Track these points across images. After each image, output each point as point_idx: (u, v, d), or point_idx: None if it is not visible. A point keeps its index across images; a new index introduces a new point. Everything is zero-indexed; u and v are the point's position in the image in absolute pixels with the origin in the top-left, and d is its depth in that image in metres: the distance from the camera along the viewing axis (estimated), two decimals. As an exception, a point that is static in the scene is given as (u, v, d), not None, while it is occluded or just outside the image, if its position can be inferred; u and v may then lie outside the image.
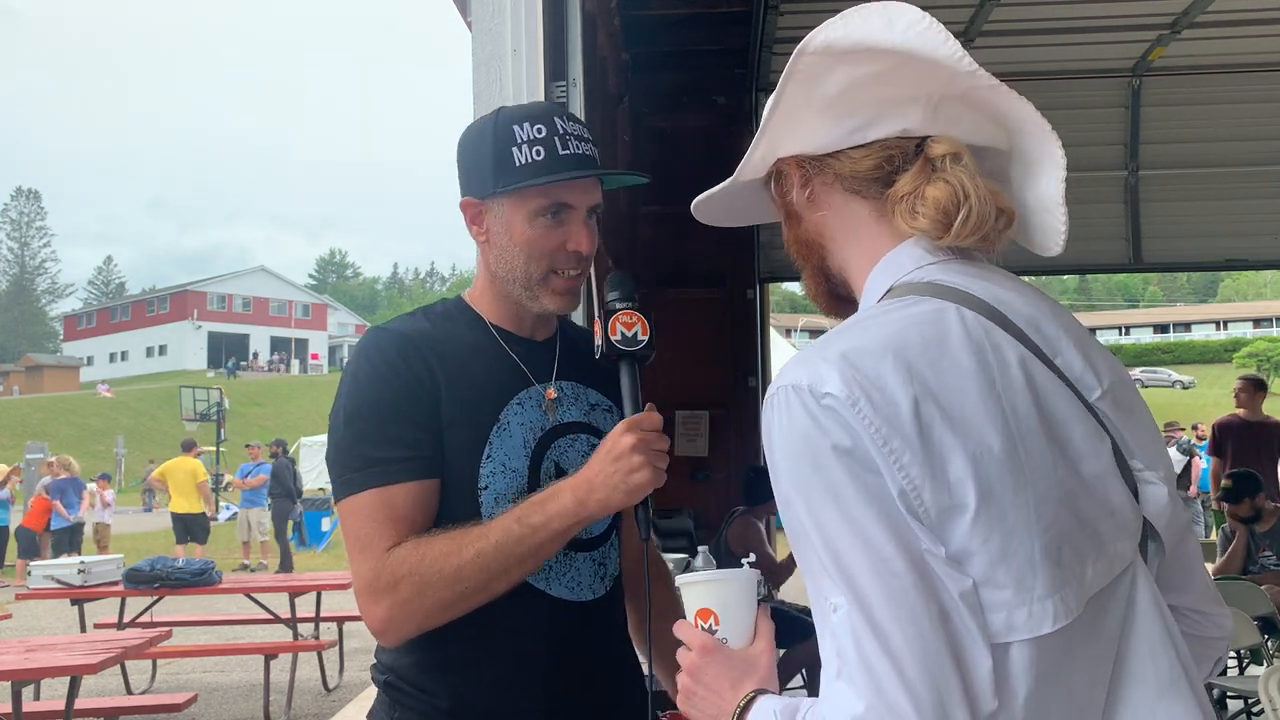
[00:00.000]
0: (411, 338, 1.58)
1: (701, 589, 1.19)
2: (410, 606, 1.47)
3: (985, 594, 0.95)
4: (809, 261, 1.21)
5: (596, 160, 1.62)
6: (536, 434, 1.61)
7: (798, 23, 6.89)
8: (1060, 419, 1.02)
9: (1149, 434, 1.11)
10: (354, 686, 7.71)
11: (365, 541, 1.49)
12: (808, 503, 0.97)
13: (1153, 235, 8.18)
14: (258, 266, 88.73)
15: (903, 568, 0.92)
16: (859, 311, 1.12)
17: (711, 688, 1.13)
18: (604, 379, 1.70)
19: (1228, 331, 68.68)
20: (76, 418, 44.19)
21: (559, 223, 1.59)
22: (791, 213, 1.19)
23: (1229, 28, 7.24)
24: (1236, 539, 5.92)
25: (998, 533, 0.95)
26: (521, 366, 1.64)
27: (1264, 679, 3.75)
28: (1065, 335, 1.09)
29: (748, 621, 1.17)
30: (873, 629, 0.91)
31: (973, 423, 0.97)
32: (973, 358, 1.00)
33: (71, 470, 15.39)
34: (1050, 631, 0.95)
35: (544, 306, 1.63)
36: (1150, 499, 1.07)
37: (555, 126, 1.58)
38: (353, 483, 1.51)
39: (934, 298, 1.05)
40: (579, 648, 1.61)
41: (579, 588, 1.62)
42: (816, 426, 0.97)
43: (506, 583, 1.48)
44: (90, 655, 4.97)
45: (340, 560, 16.43)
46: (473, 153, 1.63)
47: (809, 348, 1.05)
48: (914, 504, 0.95)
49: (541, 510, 1.47)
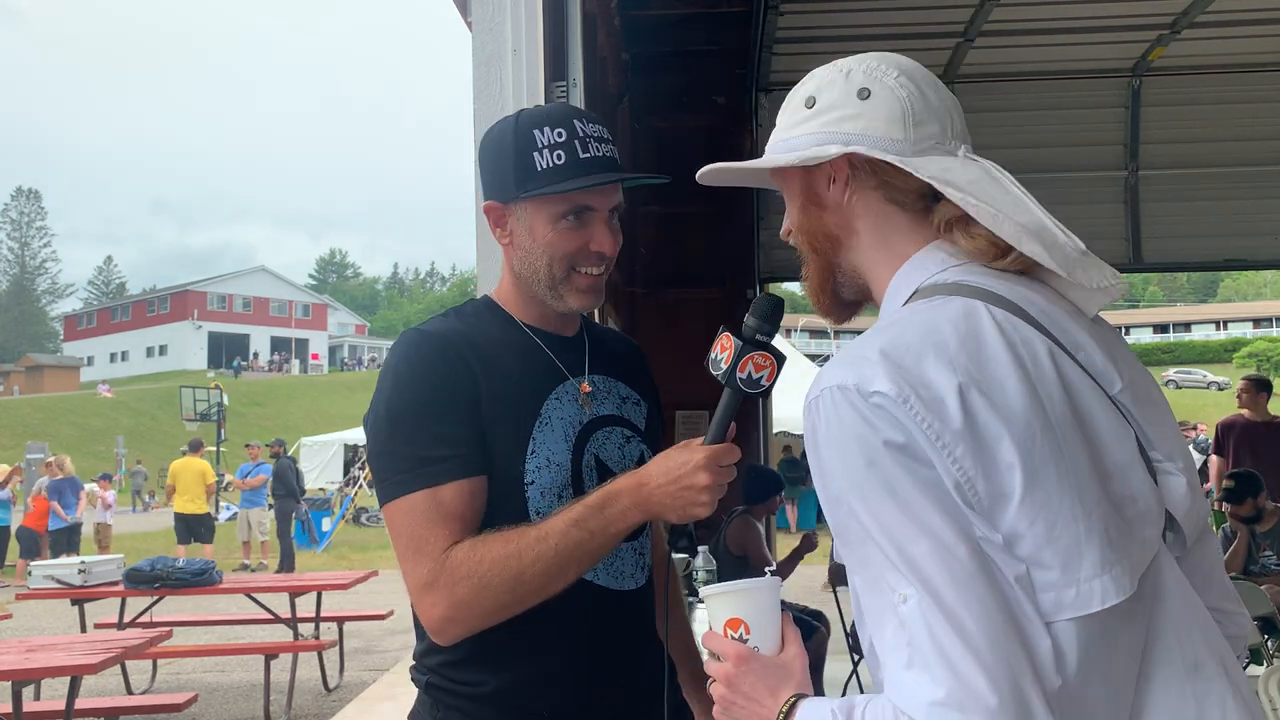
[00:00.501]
0: (448, 337, 1.60)
1: (730, 599, 1.19)
2: (469, 608, 1.48)
3: (1034, 575, 0.97)
4: (822, 254, 1.22)
5: (617, 161, 1.64)
6: (576, 428, 1.63)
7: (798, 23, 6.89)
8: (1087, 410, 1.05)
9: (1169, 427, 1.14)
10: (354, 686, 7.71)
11: (419, 542, 1.50)
12: (865, 500, 0.99)
13: (1153, 235, 8.17)
14: (258, 266, 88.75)
15: (965, 554, 0.95)
16: (886, 314, 1.15)
17: (750, 696, 1.13)
18: (632, 372, 1.77)
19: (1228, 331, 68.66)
20: (77, 418, 44.19)
21: (581, 224, 1.61)
22: (818, 202, 1.21)
23: (1229, 28, 7.24)
24: (1238, 539, 5.93)
25: (1043, 515, 0.98)
26: (556, 361, 1.66)
27: (1264, 679, 3.75)
28: (1086, 332, 1.13)
29: (776, 629, 1.18)
30: (946, 616, 0.93)
31: (1015, 409, 1.00)
32: (1007, 350, 1.03)
33: (66, 470, 15.37)
34: (1097, 611, 0.98)
35: (568, 305, 1.65)
36: (1170, 489, 1.10)
37: (575, 130, 1.60)
38: (402, 484, 1.52)
39: (962, 296, 1.08)
40: (619, 635, 1.63)
41: (622, 576, 1.64)
42: (867, 424, 0.99)
43: (564, 583, 1.50)
44: (90, 655, 4.97)
45: (340, 560, 16.43)
46: (494, 157, 1.65)
47: (845, 351, 1.07)
48: (969, 494, 0.97)
49: (600, 515, 1.49)
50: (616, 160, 1.63)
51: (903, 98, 1.16)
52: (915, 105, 1.16)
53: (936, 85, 1.20)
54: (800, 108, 1.21)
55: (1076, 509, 0.99)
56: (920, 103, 1.16)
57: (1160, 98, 7.98)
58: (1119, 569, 0.99)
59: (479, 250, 2.61)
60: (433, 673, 1.62)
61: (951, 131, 1.18)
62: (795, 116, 1.21)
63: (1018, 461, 0.98)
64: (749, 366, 1.41)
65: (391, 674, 7.87)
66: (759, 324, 1.41)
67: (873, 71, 1.18)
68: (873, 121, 1.16)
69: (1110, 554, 0.99)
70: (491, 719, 1.58)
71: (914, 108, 1.16)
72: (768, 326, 1.42)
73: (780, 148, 1.22)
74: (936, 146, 1.16)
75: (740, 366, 1.41)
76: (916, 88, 1.17)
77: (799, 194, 1.22)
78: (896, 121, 1.15)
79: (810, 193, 1.21)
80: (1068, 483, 0.99)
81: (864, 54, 1.22)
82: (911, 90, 1.17)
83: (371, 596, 11.66)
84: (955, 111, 1.20)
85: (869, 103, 1.16)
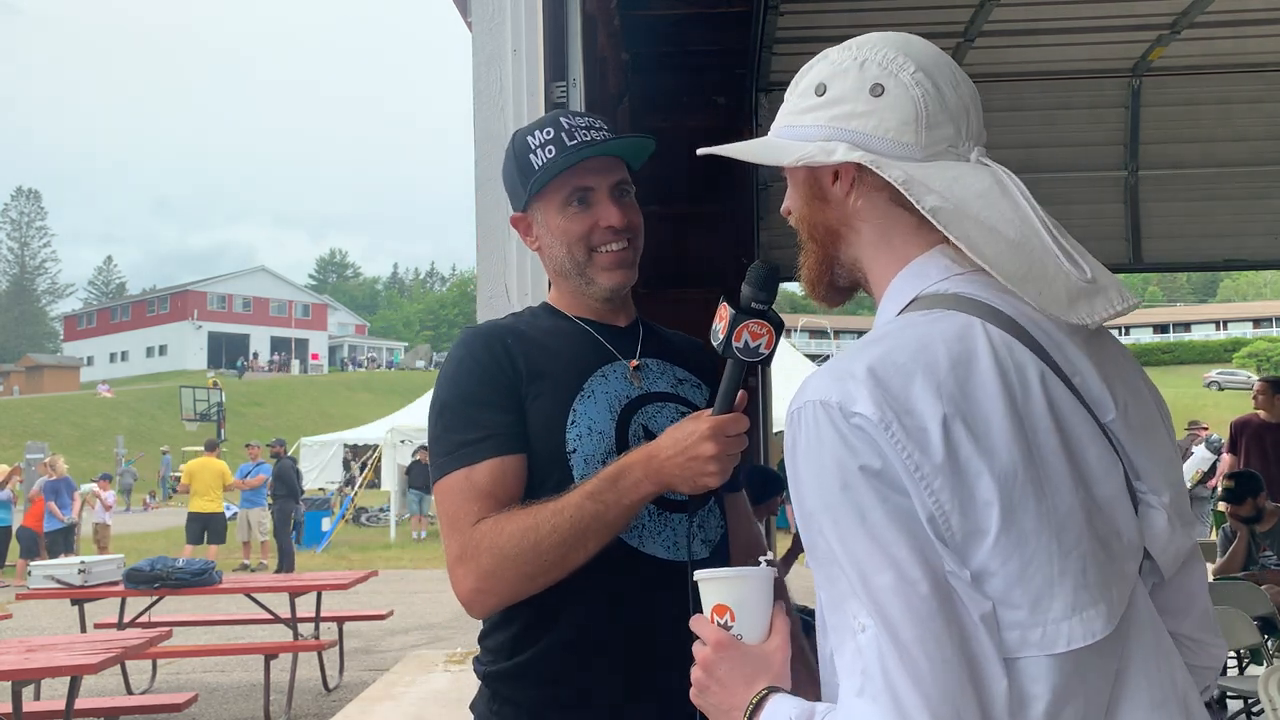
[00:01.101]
0: (494, 330, 1.72)
1: (718, 585, 1.21)
2: (494, 579, 1.53)
3: (1000, 613, 0.97)
4: (821, 246, 1.19)
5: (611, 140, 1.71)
6: (622, 400, 1.68)
7: (798, 23, 6.89)
8: (1077, 440, 1.03)
9: (1161, 457, 1.11)
10: (354, 686, 7.71)
11: (453, 519, 1.58)
12: (836, 523, 0.98)
13: (1153, 235, 8.17)
14: (258, 266, 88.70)
15: (928, 590, 0.94)
16: (883, 322, 1.12)
17: (724, 683, 1.14)
18: (691, 360, 1.81)
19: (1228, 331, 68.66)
20: (76, 418, 44.17)
21: (587, 206, 1.69)
22: (821, 196, 1.17)
23: (1229, 28, 7.24)
24: (1238, 539, 5.93)
25: (1017, 555, 0.97)
26: (605, 345, 1.73)
27: (1264, 679, 3.75)
28: (1084, 354, 1.09)
29: (763, 619, 1.19)
30: (899, 652, 0.93)
31: (999, 445, 0.98)
32: (998, 379, 1.01)
33: (59, 471, 15.34)
34: (1065, 651, 0.97)
35: (600, 286, 1.72)
36: (1151, 523, 1.08)
37: (561, 124, 1.70)
38: (442, 467, 1.61)
39: (960, 311, 1.06)
40: (679, 607, 1.62)
41: (676, 547, 1.65)
42: (846, 446, 0.98)
43: (585, 554, 1.53)
44: (90, 655, 4.97)
45: (340, 560, 16.43)
46: (507, 176, 1.78)
47: (834, 360, 1.05)
48: (942, 528, 0.96)
49: (614, 488, 1.52)
50: (610, 139, 1.70)
51: (917, 97, 1.11)
52: (930, 107, 1.11)
53: (956, 79, 1.14)
54: (810, 93, 1.16)
55: (1053, 549, 0.98)
56: (936, 103, 1.11)
57: (1160, 98, 7.97)
58: (1092, 611, 0.98)
59: (479, 250, 2.61)
60: (490, 653, 1.67)
61: (966, 132, 1.13)
62: (804, 102, 1.16)
63: (996, 499, 0.96)
64: (745, 335, 1.42)
65: (391, 674, 7.88)
66: (754, 292, 1.42)
67: (888, 65, 1.12)
68: (884, 122, 1.11)
69: (1084, 596, 0.98)
70: (531, 691, 1.62)
71: (928, 109, 1.11)
72: (763, 294, 1.43)
73: (786, 134, 1.17)
74: (949, 150, 1.12)
75: (736, 336, 1.41)
76: (934, 85, 1.12)
77: (802, 183, 1.18)
78: (909, 124, 1.11)
79: (814, 185, 1.17)
80: (1046, 522, 0.98)
81: (880, 38, 1.16)
82: (927, 89, 1.11)
83: (371, 596, 11.67)
84: (973, 107, 1.15)
85: (882, 100, 1.11)
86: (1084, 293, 1.06)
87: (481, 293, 2.58)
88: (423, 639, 9.82)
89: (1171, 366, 58.54)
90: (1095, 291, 1.07)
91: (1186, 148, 8.07)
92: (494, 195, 2.41)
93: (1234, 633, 4.54)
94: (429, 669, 7.96)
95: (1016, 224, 1.08)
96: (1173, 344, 65.32)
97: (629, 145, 1.75)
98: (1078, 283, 1.06)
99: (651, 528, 1.63)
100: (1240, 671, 5.84)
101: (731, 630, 1.18)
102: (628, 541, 1.61)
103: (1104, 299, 1.07)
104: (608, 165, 1.71)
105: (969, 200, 1.08)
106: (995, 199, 1.09)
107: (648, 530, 1.63)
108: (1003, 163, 1.14)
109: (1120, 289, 1.08)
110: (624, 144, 1.74)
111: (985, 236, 1.06)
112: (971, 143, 1.14)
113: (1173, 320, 75.63)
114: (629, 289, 1.77)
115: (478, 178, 2.62)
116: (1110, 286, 1.08)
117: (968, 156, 1.13)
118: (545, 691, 1.62)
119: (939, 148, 1.12)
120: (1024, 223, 1.08)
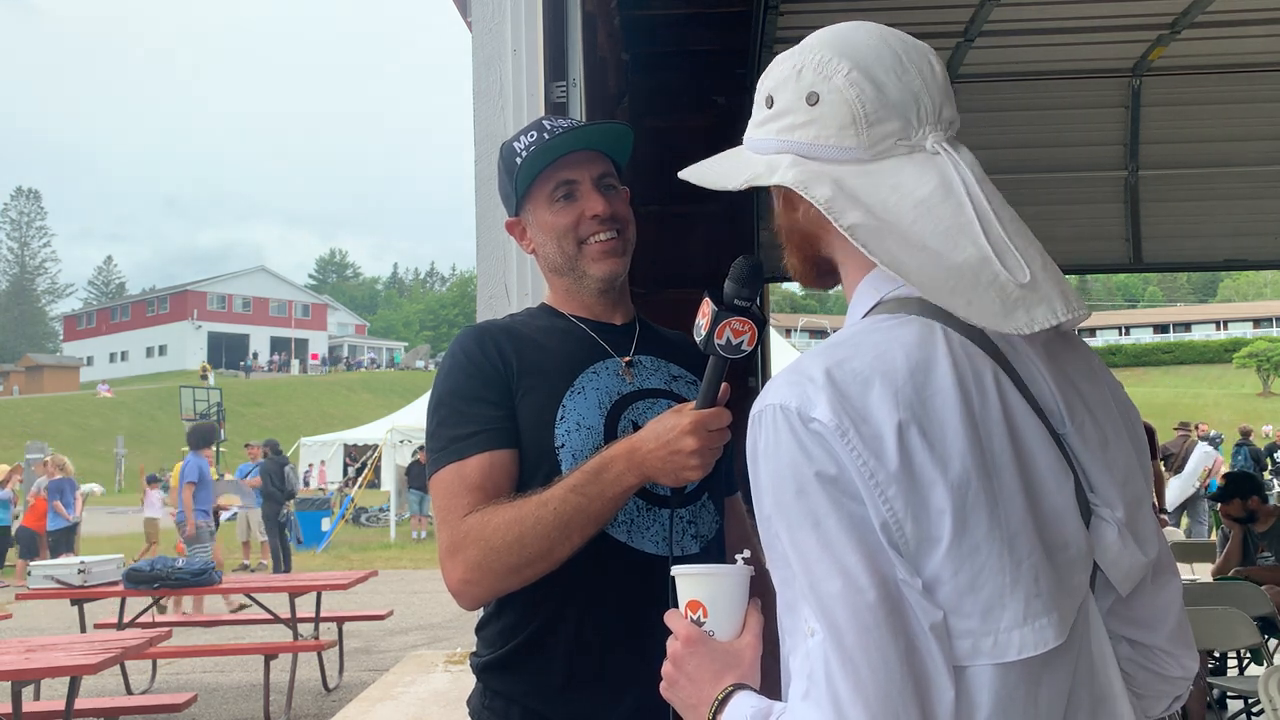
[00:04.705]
0: (488, 328, 1.75)
1: (693, 580, 1.22)
2: (481, 570, 1.55)
3: (951, 622, 0.97)
4: (799, 249, 1.19)
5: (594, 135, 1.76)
6: (613, 396, 1.70)
7: (798, 23, 6.89)
8: (1029, 452, 1.03)
9: (1119, 470, 1.09)
10: (354, 686, 7.71)
11: (444, 512, 1.61)
12: (790, 528, 0.98)
13: (1153, 235, 8.16)
14: (258, 266, 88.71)
15: (875, 598, 0.94)
16: (846, 326, 1.12)
17: (693, 678, 1.15)
18: (687, 358, 1.81)
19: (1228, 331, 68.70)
20: (76, 418, 44.19)
21: (571, 199, 1.73)
22: (789, 204, 1.17)
23: (1229, 28, 7.24)
24: (1231, 538, 5.95)
25: (969, 564, 0.97)
26: (599, 342, 1.75)
27: (1264, 679, 3.75)
28: (1042, 362, 1.08)
29: (737, 616, 1.20)
30: (843, 660, 0.93)
31: (954, 454, 0.98)
32: (956, 387, 1.00)
33: (66, 470, 15.35)
34: (1015, 660, 0.97)
35: (592, 277, 1.74)
36: (1100, 536, 1.07)
37: (544, 126, 1.75)
38: (435, 462, 1.65)
39: (922, 315, 1.05)
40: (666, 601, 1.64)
41: (664, 542, 1.66)
42: (802, 452, 0.98)
43: (570, 547, 1.55)
44: (90, 655, 4.97)
45: (340, 560, 16.44)
46: (499, 185, 1.83)
47: (797, 362, 1.05)
48: (895, 536, 0.96)
49: (597, 481, 1.54)
50: (589, 127, 1.76)
51: (852, 99, 1.07)
52: (868, 106, 1.07)
53: (902, 67, 1.09)
54: (762, 105, 1.15)
55: (1005, 558, 0.97)
56: (874, 101, 1.07)
57: (1160, 98, 7.97)
58: (1043, 621, 0.98)
59: (479, 250, 2.61)
60: (484, 644, 1.70)
61: (919, 118, 1.08)
62: (759, 114, 1.16)
63: (949, 508, 0.96)
64: (726, 332, 1.41)
65: (391, 674, 7.88)
66: (736, 289, 1.41)
67: (823, 69, 1.09)
68: (824, 130, 1.08)
69: (1035, 605, 0.98)
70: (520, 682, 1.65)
71: (865, 109, 1.07)
72: (746, 291, 1.41)
73: (749, 144, 1.17)
74: (899, 145, 1.08)
75: (718, 333, 1.41)
76: (870, 82, 1.07)
77: (776, 193, 1.19)
78: (847, 128, 1.07)
79: (781, 193, 1.17)
80: (998, 532, 0.98)
81: (819, 38, 1.13)
82: (863, 89, 1.07)
83: (371, 596, 11.68)
84: (927, 92, 1.09)
85: (818, 108, 1.09)
86: (1021, 301, 1.01)
87: (481, 293, 2.58)
88: (422, 639, 9.82)
89: (1171, 366, 58.56)
90: (1036, 300, 1.02)
91: (1186, 148, 8.06)
92: (494, 195, 2.41)
93: (1234, 633, 4.54)
94: (429, 669, 7.96)
95: (952, 233, 1.03)
96: (1173, 344, 65.35)
97: (607, 133, 1.78)
98: (1014, 290, 1.01)
99: (641, 523, 1.65)
100: (1240, 671, 5.84)
101: (704, 626, 1.19)
102: (616, 536, 1.62)
103: (1046, 307, 1.02)
104: (590, 159, 1.74)
105: (903, 211, 1.04)
106: (934, 205, 1.05)
107: (636, 525, 1.65)
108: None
109: (1068, 296, 1.03)
110: (602, 131, 1.77)
111: (907, 252, 1.03)
112: (927, 129, 1.09)
113: (1173, 320, 75.72)
114: (623, 282, 1.79)
115: (478, 177, 2.62)
116: (1055, 294, 1.03)
117: (923, 145, 1.08)
118: (533, 682, 1.64)
119: (886, 144, 1.08)
120: (960, 231, 1.03)
